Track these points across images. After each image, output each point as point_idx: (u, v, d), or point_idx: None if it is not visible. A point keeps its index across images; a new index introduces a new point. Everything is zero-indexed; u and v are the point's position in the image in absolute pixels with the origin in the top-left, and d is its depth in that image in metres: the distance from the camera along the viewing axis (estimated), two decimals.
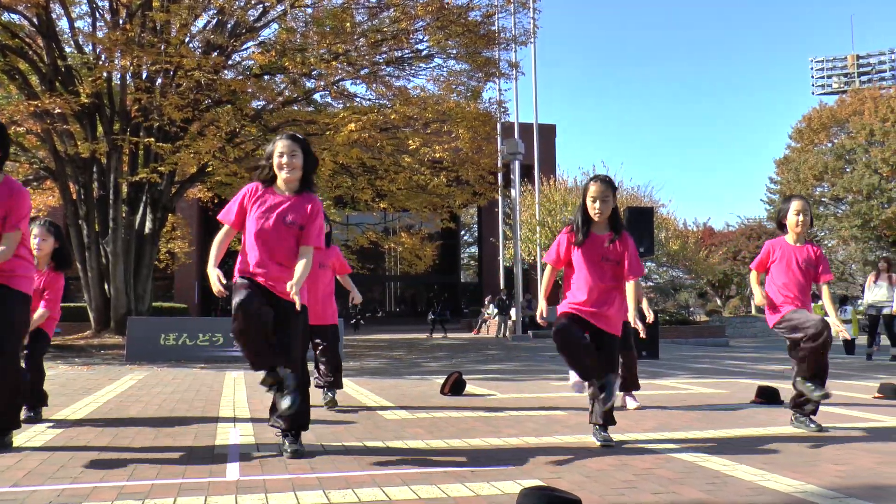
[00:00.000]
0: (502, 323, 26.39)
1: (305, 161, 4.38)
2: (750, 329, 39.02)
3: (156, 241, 19.38)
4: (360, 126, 15.94)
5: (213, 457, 4.20)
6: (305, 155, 4.38)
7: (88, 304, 18.45)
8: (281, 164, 4.29)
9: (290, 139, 4.35)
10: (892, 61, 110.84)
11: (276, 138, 4.40)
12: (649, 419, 5.77)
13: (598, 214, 4.74)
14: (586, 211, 4.79)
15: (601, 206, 4.73)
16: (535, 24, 21.81)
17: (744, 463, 4.06)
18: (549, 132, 41.14)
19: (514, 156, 26.36)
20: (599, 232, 4.79)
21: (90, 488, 3.44)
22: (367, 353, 15.29)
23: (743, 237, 55.70)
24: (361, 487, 3.47)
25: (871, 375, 10.26)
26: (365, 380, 9.21)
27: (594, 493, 3.39)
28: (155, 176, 16.45)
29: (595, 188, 4.75)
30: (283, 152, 4.30)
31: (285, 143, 4.32)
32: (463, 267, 55.95)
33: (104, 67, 16.18)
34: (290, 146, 4.32)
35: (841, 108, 53.48)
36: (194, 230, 36.22)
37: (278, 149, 4.31)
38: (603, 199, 4.73)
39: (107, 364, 11.62)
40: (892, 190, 47.02)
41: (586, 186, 4.83)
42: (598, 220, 4.78)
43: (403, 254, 25.67)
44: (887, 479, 3.72)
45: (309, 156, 4.42)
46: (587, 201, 4.77)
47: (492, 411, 6.19)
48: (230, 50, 17.25)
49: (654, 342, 14.50)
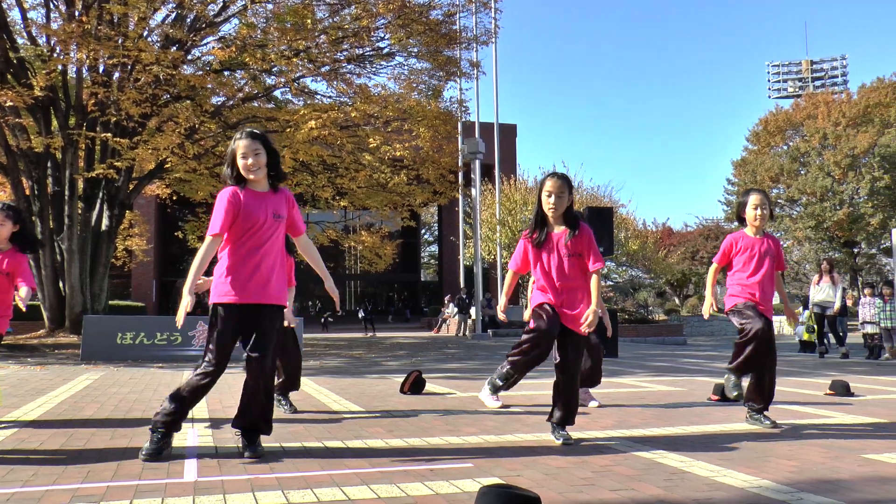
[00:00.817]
0: (462, 322, 26.43)
1: (268, 156, 4.34)
2: (707, 328, 39.61)
3: (113, 239, 19.07)
4: (320, 123, 15.85)
5: (171, 457, 4.14)
6: (267, 150, 4.34)
7: (42, 302, 18.09)
8: (247, 166, 4.24)
9: (249, 138, 4.27)
10: (844, 67, 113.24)
11: (236, 137, 4.33)
12: (608, 417, 5.82)
13: (552, 210, 4.77)
14: (542, 209, 4.81)
15: (556, 202, 4.75)
16: (496, 23, 21.90)
17: (701, 459, 4.12)
18: (509, 132, 41.31)
19: (475, 155, 26.42)
20: (557, 230, 4.82)
21: (42, 492, 3.37)
22: (327, 353, 15.22)
23: (701, 237, 56.51)
24: (321, 487, 3.45)
25: (823, 373, 10.48)
26: (325, 379, 9.17)
27: (553, 491, 3.41)
28: (112, 172, 16.17)
29: (551, 183, 4.77)
30: (245, 153, 4.24)
31: (246, 144, 4.25)
32: (423, 266, 55.98)
33: (59, 60, 15.85)
34: (251, 146, 4.25)
35: (796, 111, 54.54)
36: (152, 227, 35.73)
37: (240, 150, 4.25)
38: (558, 194, 4.75)
39: (61, 364, 11.40)
40: (843, 192, 48.09)
41: (542, 182, 4.85)
42: (552, 215, 4.80)
43: (364, 252, 25.58)
44: (837, 473, 3.81)
45: (271, 150, 4.38)
46: (542, 196, 4.80)
47: (451, 410, 6.20)
48: (190, 45, 17.03)
49: (614, 341, 14.67)
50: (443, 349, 17.01)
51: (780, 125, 54.64)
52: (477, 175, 26.96)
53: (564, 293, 4.75)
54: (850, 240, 49.52)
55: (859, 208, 47.77)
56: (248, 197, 4.27)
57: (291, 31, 16.41)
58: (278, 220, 4.33)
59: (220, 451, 4.33)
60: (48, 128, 17.17)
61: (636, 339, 25.31)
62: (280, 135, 16.88)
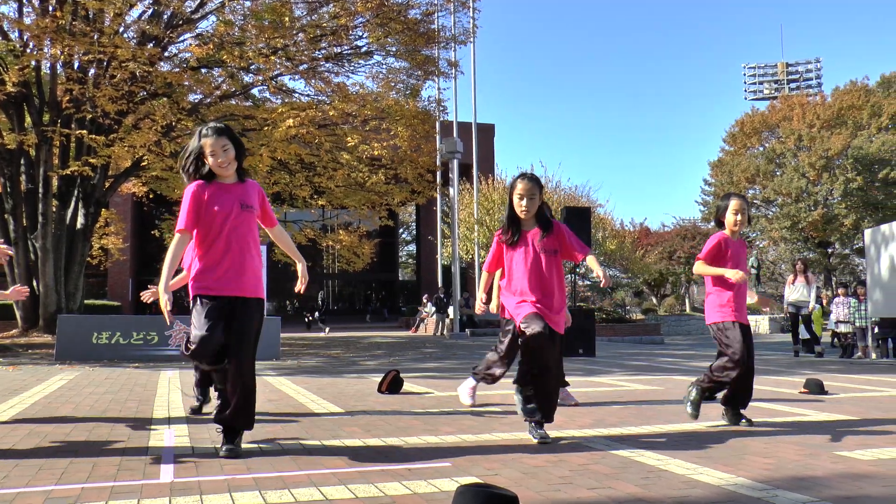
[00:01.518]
0: (440, 321, 26.44)
1: (236, 148, 4.32)
2: (684, 327, 39.92)
3: (88, 237, 18.88)
4: (298, 122, 15.80)
5: (147, 458, 4.11)
6: (234, 143, 4.32)
7: (15, 301, 17.87)
8: (219, 164, 4.22)
9: (216, 135, 4.22)
10: (818, 70, 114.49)
11: (201, 134, 4.26)
12: (586, 416, 5.84)
13: (524, 212, 4.80)
14: (514, 209, 4.83)
15: (528, 204, 4.78)
16: (474, 23, 21.94)
17: (677, 457, 4.15)
18: (487, 131, 41.39)
19: (453, 154, 26.43)
20: (529, 229, 4.84)
21: (14, 494, 3.33)
22: (304, 352, 15.16)
23: (678, 237, 56.88)
24: (298, 487, 3.43)
25: (797, 371, 10.59)
26: (302, 378, 9.13)
27: (531, 490, 3.42)
28: (87, 169, 16.01)
29: (522, 185, 4.80)
30: (214, 151, 4.21)
31: (213, 142, 4.21)
32: (401, 265, 55.96)
33: (32, 56, 15.68)
34: (220, 143, 4.22)
35: (772, 113, 55.10)
36: (129, 226, 35.41)
37: (209, 149, 4.21)
38: (529, 196, 4.78)
39: (35, 364, 11.27)
40: (817, 193, 48.63)
41: (513, 184, 4.87)
42: (524, 217, 4.82)
43: (341, 251, 25.52)
44: (811, 470, 3.85)
45: (238, 142, 4.37)
46: (514, 199, 4.82)
47: (429, 410, 6.20)
48: (166, 41, 16.90)
49: (591, 340, 14.73)
50: (420, 348, 17.00)
51: (756, 127, 55.17)
52: (455, 174, 26.97)
53: (541, 291, 4.75)
54: (825, 240, 50.11)
55: (833, 209, 48.35)
56: (215, 189, 4.26)
57: (269, 28, 16.33)
58: (247, 210, 4.31)
59: (197, 451, 4.29)
60: (21, 124, 16.97)
61: (613, 339, 25.43)
62: (258, 133, 16.80)
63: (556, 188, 34.24)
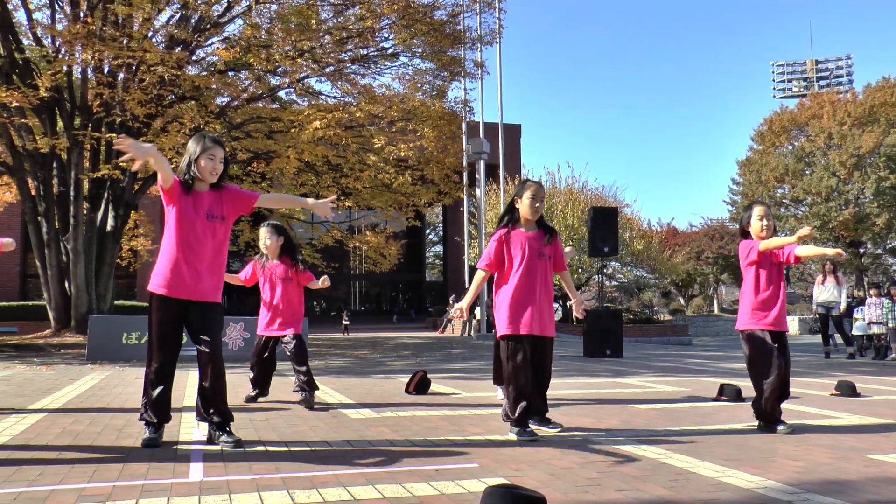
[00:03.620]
0: (467, 322, 26.43)
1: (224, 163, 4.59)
2: (712, 328, 39.56)
3: (118, 239, 19.12)
4: (325, 124, 15.88)
5: (176, 457, 4.15)
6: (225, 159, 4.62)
7: (48, 302, 18.14)
8: (214, 169, 4.47)
9: (218, 146, 4.51)
10: (849, 66, 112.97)
11: (204, 140, 4.49)
12: (613, 417, 5.81)
13: (536, 213, 5.15)
14: (515, 210, 5.18)
15: (539, 206, 5.18)
16: (500, 23, 21.92)
17: (706, 459, 4.12)
18: (514, 132, 41.33)
19: (479, 155, 26.42)
20: (528, 230, 5.18)
21: (48, 491, 3.37)
22: (332, 352, 15.23)
23: (706, 237, 56.45)
24: (326, 487, 3.45)
25: (829, 373, 10.46)
26: (329, 378, 9.17)
27: (558, 491, 3.41)
28: (117, 172, 16.21)
29: (535, 189, 5.18)
30: (213, 156, 4.47)
31: (218, 150, 4.49)
32: (428, 266, 55.99)
33: (64, 61, 15.91)
34: (220, 154, 4.51)
35: (801, 111, 54.44)
36: (157, 228, 35.75)
37: (208, 153, 4.45)
38: (541, 199, 5.18)
39: (67, 364, 11.42)
40: (848, 192, 47.97)
41: (524, 188, 5.20)
42: (534, 218, 5.17)
43: (368, 252, 25.61)
44: (843, 474, 3.80)
45: (227, 159, 4.67)
46: (526, 201, 5.13)
47: (456, 410, 6.20)
48: (194, 45, 17.06)
49: (619, 341, 14.65)
50: (447, 349, 17.01)
51: (784, 125, 54.55)
52: (481, 175, 26.97)
53: (538, 292, 5.06)
54: (856, 240, 49.39)
55: (865, 208, 47.67)
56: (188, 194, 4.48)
57: (296, 31, 16.43)
58: (213, 220, 4.50)
59: (226, 452, 4.33)
60: (53, 128, 17.22)
61: (641, 340, 25.29)
62: (285, 135, 16.90)
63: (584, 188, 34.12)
